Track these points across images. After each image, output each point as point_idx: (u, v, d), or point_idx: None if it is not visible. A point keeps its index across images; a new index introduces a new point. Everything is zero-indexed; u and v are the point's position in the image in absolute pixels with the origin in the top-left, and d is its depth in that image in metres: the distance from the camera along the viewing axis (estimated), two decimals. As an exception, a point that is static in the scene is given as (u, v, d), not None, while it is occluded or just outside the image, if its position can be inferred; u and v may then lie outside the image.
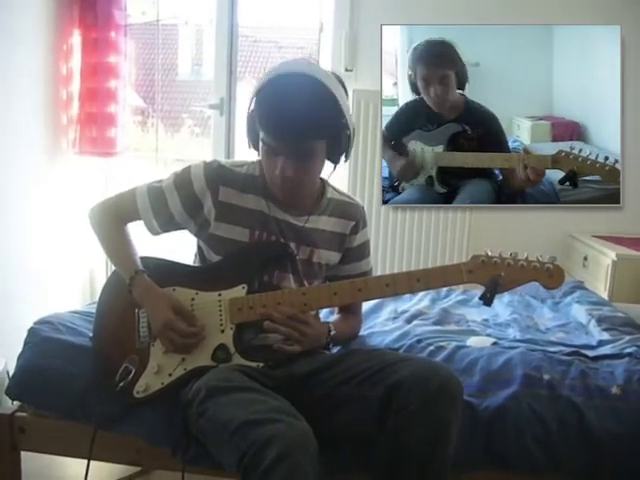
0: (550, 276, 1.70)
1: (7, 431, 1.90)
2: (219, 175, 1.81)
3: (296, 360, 1.77)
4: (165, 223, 1.85)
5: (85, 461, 1.74)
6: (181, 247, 2.13)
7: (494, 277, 1.68)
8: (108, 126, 3.41)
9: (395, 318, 2.34)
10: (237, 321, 1.77)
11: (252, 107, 1.71)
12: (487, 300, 1.68)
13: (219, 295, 1.79)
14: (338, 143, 1.73)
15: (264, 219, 1.83)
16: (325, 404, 1.66)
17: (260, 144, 1.72)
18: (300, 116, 1.62)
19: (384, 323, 2.28)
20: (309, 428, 1.43)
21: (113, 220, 1.88)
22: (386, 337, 2.08)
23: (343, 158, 1.78)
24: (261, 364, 1.73)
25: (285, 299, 1.75)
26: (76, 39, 3.35)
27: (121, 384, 1.73)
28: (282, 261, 1.84)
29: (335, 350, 1.94)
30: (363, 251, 1.99)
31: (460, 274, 1.72)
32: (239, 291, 1.79)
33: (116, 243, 1.87)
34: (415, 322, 2.27)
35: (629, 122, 3.12)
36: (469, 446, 1.70)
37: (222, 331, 1.77)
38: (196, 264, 1.95)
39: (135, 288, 1.78)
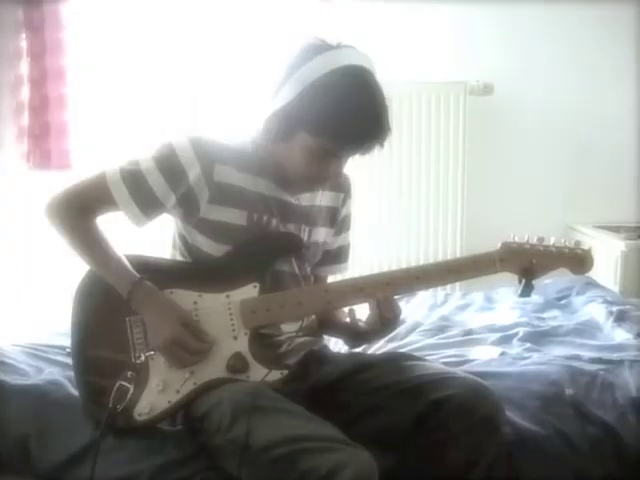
0: (580, 262, 1.62)
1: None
2: (210, 152, 1.59)
3: (320, 365, 1.68)
4: (151, 211, 1.60)
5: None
6: (146, 238, 1.91)
7: (527, 265, 1.59)
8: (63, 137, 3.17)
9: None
10: (252, 325, 1.58)
11: (297, 105, 1.52)
12: (527, 291, 1.60)
13: (227, 297, 1.59)
14: None
15: (264, 200, 1.65)
16: (352, 411, 1.58)
17: (297, 143, 1.55)
18: (376, 124, 1.52)
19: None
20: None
21: (80, 216, 1.59)
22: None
23: None
24: (285, 371, 1.57)
25: (305, 298, 1.61)
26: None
27: (118, 407, 1.49)
28: (294, 254, 1.71)
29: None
30: (346, 224, 1.87)
31: (493, 263, 1.61)
32: (250, 291, 1.59)
33: (93, 246, 1.59)
34: (412, 337, 2.16)
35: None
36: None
37: (235, 337, 1.57)
38: (177, 258, 1.72)
39: (134, 299, 1.54)
